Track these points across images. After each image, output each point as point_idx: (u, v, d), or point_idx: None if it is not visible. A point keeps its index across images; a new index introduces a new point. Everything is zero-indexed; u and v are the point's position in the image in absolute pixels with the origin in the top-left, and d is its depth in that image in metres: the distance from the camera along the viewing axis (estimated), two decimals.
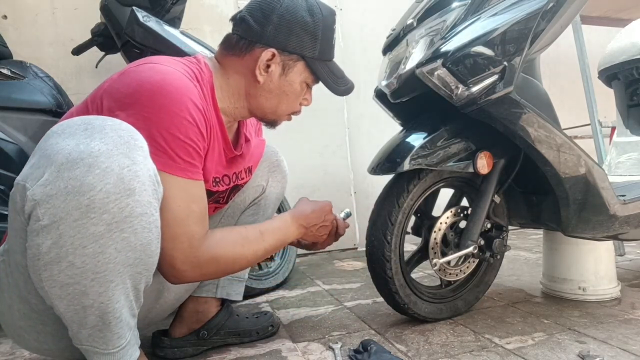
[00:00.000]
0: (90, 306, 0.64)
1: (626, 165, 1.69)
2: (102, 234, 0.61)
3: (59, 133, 0.63)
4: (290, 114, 0.97)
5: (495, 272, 1.29)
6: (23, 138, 1.38)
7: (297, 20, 0.86)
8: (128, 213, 0.62)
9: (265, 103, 0.91)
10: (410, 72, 1.06)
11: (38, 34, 1.96)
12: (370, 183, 2.40)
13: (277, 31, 0.86)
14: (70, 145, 0.60)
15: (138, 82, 0.73)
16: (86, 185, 0.59)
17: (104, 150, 0.61)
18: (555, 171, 1.06)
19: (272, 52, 0.86)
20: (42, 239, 0.60)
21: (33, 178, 0.60)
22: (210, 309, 1.10)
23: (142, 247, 0.66)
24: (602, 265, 1.30)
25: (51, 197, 0.59)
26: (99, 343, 0.68)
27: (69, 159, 0.59)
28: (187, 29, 1.70)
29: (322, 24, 0.88)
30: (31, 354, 1.13)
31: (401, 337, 1.08)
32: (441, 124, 1.10)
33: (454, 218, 1.18)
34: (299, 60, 0.89)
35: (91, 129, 0.62)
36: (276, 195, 1.18)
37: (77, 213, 0.59)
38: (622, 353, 0.93)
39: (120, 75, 0.76)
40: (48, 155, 0.61)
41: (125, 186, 0.61)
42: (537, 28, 0.99)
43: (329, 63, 0.93)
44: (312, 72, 0.91)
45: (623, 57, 1.65)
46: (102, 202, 0.60)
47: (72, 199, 0.59)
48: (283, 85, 0.90)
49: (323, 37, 0.89)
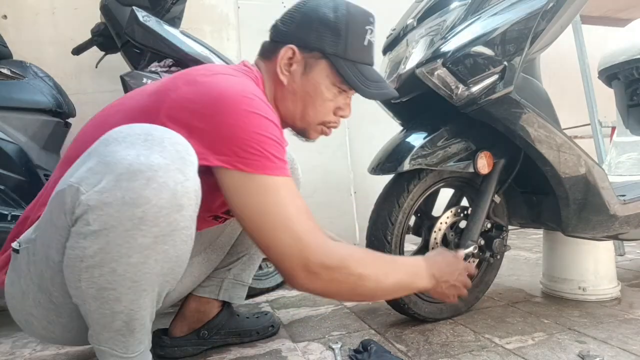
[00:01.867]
0: (120, 312, 0.66)
1: (626, 165, 1.69)
2: (148, 245, 0.62)
3: (120, 141, 0.63)
4: (324, 124, 0.91)
5: (495, 272, 1.29)
6: (23, 138, 1.38)
7: (319, 16, 0.84)
8: (174, 227, 0.64)
9: (292, 107, 0.88)
10: (410, 72, 1.06)
11: (38, 34, 1.95)
12: (370, 183, 2.38)
13: (299, 28, 0.85)
14: (131, 155, 0.61)
15: (217, 91, 0.71)
16: (143, 198, 0.60)
17: (163, 164, 0.61)
18: (555, 171, 1.06)
19: (292, 49, 0.84)
20: (89, 243, 0.61)
21: (89, 183, 0.61)
22: (212, 309, 1.10)
23: (177, 258, 0.67)
24: (602, 265, 1.30)
25: (106, 204, 0.60)
26: (119, 347, 0.69)
27: (129, 169, 0.60)
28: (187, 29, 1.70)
29: (345, 20, 0.84)
30: (31, 355, 1.13)
31: (401, 337, 1.08)
32: (441, 124, 1.11)
33: (454, 218, 1.18)
34: (321, 59, 0.85)
35: (151, 140, 0.63)
36: None
37: (129, 224, 0.60)
38: (622, 353, 0.93)
39: (189, 83, 0.73)
40: (107, 163, 0.61)
41: (176, 202, 0.63)
42: (537, 28, 0.99)
43: (360, 65, 0.87)
44: (337, 73, 0.85)
45: (623, 57, 1.65)
46: (155, 215, 0.61)
47: (127, 210, 0.60)
48: (306, 85, 0.86)
49: (348, 34, 0.84)
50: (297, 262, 0.70)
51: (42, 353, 1.13)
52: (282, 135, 0.75)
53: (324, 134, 0.94)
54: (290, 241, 0.70)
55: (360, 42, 0.86)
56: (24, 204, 1.34)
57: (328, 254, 0.72)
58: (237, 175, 0.69)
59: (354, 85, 0.86)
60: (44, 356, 1.11)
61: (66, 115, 1.52)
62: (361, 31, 0.86)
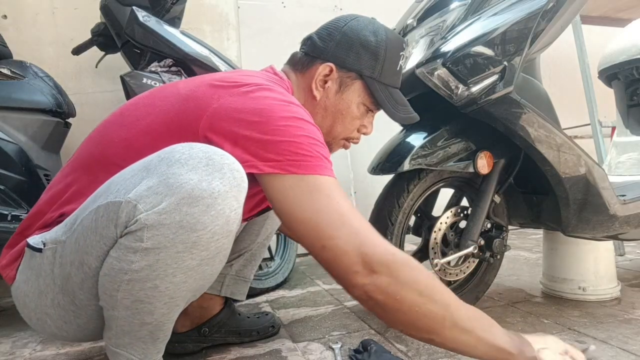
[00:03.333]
0: (149, 323, 0.67)
1: (626, 165, 1.69)
2: (194, 267, 0.64)
3: (182, 163, 0.62)
4: (346, 139, 0.93)
5: (495, 272, 1.29)
6: (23, 138, 1.38)
7: (359, 38, 0.86)
8: (220, 251, 0.66)
9: (320, 121, 0.88)
10: (410, 72, 1.06)
11: (38, 34, 1.96)
12: (370, 183, 2.40)
13: (338, 47, 0.86)
14: (194, 180, 0.61)
15: (263, 101, 0.71)
16: (200, 224, 0.61)
17: (222, 191, 0.62)
18: (555, 171, 1.06)
19: (330, 67, 0.85)
20: (138, 258, 0.62)
21: (148, 202, 0.61)
22: (214, 306, 1.11)
23: (211, 277, 0.70)
24: (602, 265, 1.30)
25: (163, 225, 0.61)
26: (138, 353, 0.70)
27: (191, 195, 0.61)
28: (187, 29, 1.70)
29: (384, 45, 0.86)
30: (31, 355, 1.13)
31: (401, 337, 1.08)
32: (441, 124, 1.11)
33: (454, 218, 1.18)
34: (356, 79, 0.87)
35: (212, 165, 0.63)
36: None
37: (181, 247, 0.62)
38: (622, 353, 0.93)
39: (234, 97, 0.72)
40: (170, 185, 0.61)
41: (228, 228, 0.64)
42: (537, 28, 0.99)
43: (391, 89, 0.90)
44: (370, 94, 0.88)
45: (623, 57, 1.65)
46: (207, 241, 0.63)
47: (183, 234, 0.61)
48: (339, 103, 0.88)
49: (385, 59, 0.87)
50: (356, 259, 0.64)
51: (42, 353, 1.13)
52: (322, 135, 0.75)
53: (345, 147, 0.96)
54: (348, 237, 0.65)
55: (394, 67, 0.89)
56: (24, 204, 1.34)
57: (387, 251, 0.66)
58: (289, 179, 0.67)
59: (386, 108, 0.88)
60: (44, 356, 1.11)
61: (66, 115, 1.52)
62: (396, 57, 0.89)
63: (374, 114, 0.94)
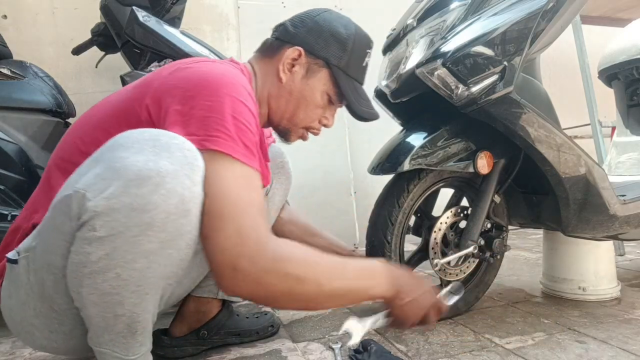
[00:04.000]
0: (122, 315, 0.65)
1: (626, 165, 1.69)
2: (154, 250, 0.62)
3: (127, 147, 0.62)
4: (307, 128, 0.94)
5: (495, 272, 1.29)
6: (23, 138, 1.38)
7: (330, 27, 0.89)
8: (180, 232, 0.63)
9: (284, 105, 0.90)
10: (410, 72, 1.06)
11: (38, 34, 1.96)
12: (370, 183, 2.39)
13: (309, 34, 0.88)
14: (140, 162, 0.60)
15: (199, 76, 0.72)
16: (151, 204, 0.60)
17: (171, 170, 0.61)
18: (555, 171, 1.06)
19: (299, 51, 0.87)
20: (94, 249, 0.60)
21: (96, 189, 0.60)
22: (212, 309, 1.10)
23: (181, 262, 0.67)
24: (602, 265, 1.30)
25: (113, 210, 0.59)
26: (120, 349, 0.68)
27: (138, 175, 0.59)
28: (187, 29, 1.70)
29: (353, 38, 0.89)
30: (31, 354, 1.13)
31: (401, 337, 1.08)
32: (441, 124, 1.11)
33: (454, 218, 1.18)
34: (323, 67, 0.89)
35: (159, 146, 0.62)
36: (279, 198, 1.17)
37: (136, 230, 0.60)
38: (622, 353, 0.93)
39: (173, 72, 0.75)
40: (116, 169, 0.60)
41: (184, 207, 0.62)
42: (537, 28, 0.99)
43: (356, 83, 0.92)
44: (335, 84, 0.90)
45: (623, 57, 1.65)
46: (162, 221, 0.61)
47: (135, 216, 0.59)
48: (304, 88, 0.89)
49: (353, 51, 0.89)
50: (228, 258, 0.65)
51: (42, 353, 1.13)
52: (257, 125, 0.75)
53: (303, 138, 0.97)
54: (229, 232, 0.65)
55: (360, 62, 0.92)
56: (24, 204, 1.34)
57: (265, 253, 0.66)
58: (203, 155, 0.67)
59: (349, 99, 0.91)
60: (44, 356, 1.11)
61: (66, 115, 1.52)
62: (363, 52, 0.92)
63: (337, 107, 0.95)
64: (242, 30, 2.27)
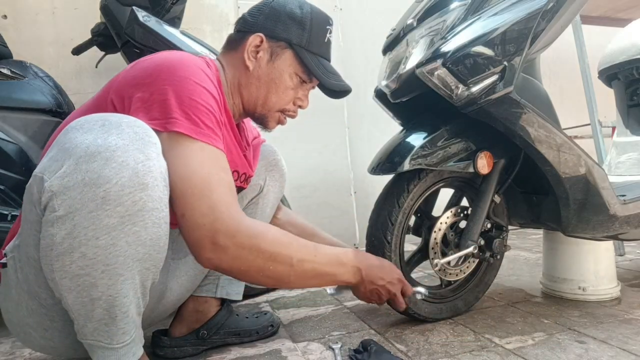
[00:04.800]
0: (98, 299, 0.65)
1: (626, 165, 1.69)
2: (115, 226, 0.62)
3: (77, 128, 0.64)
4: (282, 111, 0.96)
5: (495, 272, 1.29)
6: (23, 138, 1.38)
7: (286, 10, 0.92)
8: (140, 207, 0.64)
9: (255, 92, 0.92)
10: (410, 72, 1.06)
11: (38, 34, 1.96)
12: (370, 183, 2.40)
13: (267, 19, 0.91)
14: (89, 139, 0.62)
15: (156, 63, 0.75)
16: (103, 178, 0.61)
17: (121, 145, 0.62)
18: (555, 171, 1.06)
19: (260, 37, 0.90)
20: (57, 229, 0.61)
21: (51, 170, 0.62)
22: (210, 309, 1.10)
23: (152, 242, 0.66)
24: (602, 265, 1.30)
25: (68, 188, 0.60)
26: (104, 337, 0.68)
27: (87, 152, 0.61)
28: (187, 29, 1.70)
29: (310, 16, 0.92)
30: (31, 354, 1.13)
31: (401, 337, 1.08)
32: (441, 124, 1.10)
33: (454, 218, 1.18)
34: (286, 49, 0.91)
35: (108, 124, 0.64)
36: (274, 195, 1.18)
37: (92, 205, 0.61)
38: (622, 353, 0.93)
39: (134, 66, 0.78)
40: (66, 149, 0.62)
41: (139, 180, 0.63)
42: (537, 28, 0.99)
43: (321, 59, 0.94)
44: (301, 63, 0.92)
45: (623, 57, 1.65)
46: (117, 194, 0.61)
47: (89, 191, 0.60)
48: (271, 72, 0.91)
49: (312, 29, 0.92)
50: (206, 233, 0.69)
51: (41, 353, 1.13)
52: (217, 106, 0.78)
53: (281, 122, 0.99)
54: (204, 210, 0.69)
55: (322, 38, 0.94)
56: None
57: (240, 228, 0.71)
58: (165, 137, 0.70)
59: (316, 74, 0.93)
60: (44, 356, 1.11)
61: (66, 115, 1.52)
62: (323, 28, 0.94)
63: (309, 87, 0.98)
64: None
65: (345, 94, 0.99)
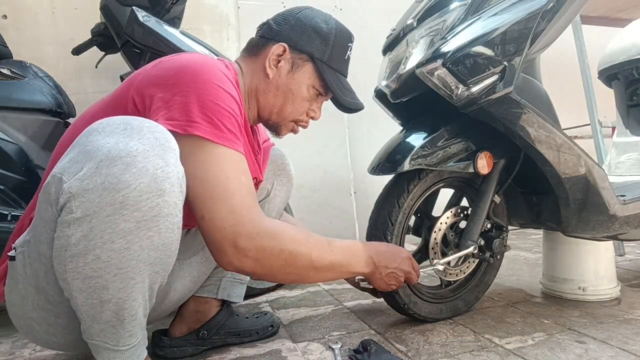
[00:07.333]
0: (108, 301, 0.65)
1: (626, 165, 1.69)
2: (131, 230, 0.63)
3: (99, 131, 0.64)
4: (295, 121, 0.97)
5: (495, 272, 1.29)
6: (23, 138, 1.38)
7: (312, 23, 0.92)
8: (156, 212, 0.64)
9: (272, 100, 0.93)
10: (410, 72, 1.06)
11: (38, 34, 1.96)
12: (370, 183, 2.39)
13: (292, 30, 0.92)
14: (110, 143, 0.62)
15: (179, 64, 0.75)
16: (122, 183, 0.61)
17: (141, 150, 0.62)
18: (555, 171, 1.06)
19: (284, 47, 0.90)
20: (73, 230, 0.61)
21: (71, 172, 0.62)
22: (211, 309, 1.10)
23: (164, 246, 0.67)
24: (602, 265, 1.30)
25: (87, 191, 0.61)
26: (110, 339, 0.69)
27: (108, 156, 0.61)
28: (187, 29, 1.70)
29: (335, 32, 0.93)
30: (31, 354, 1.13)
31: (401, 337, 1.08)
32: (441, 124, 1.10)
33: (454, 218, 1.18)
34: (308, 62, 0.92)
35: (130, 129, 0.64)
36: (281, 199, 1.17)
37: (110, 209, 0.61)
38: (621, 353, 0.93)
39: (156, 65, 0.78)
40: (87, 151, 0.62)
41: (157, 186, 0.63)
42: (537, 28, 0.99)
43: (339, 76, 0.96)
44: (320, 77, 0.93)
45: (623, 57, 1.65)
46: (135, 200, 0.62)
47: (108, 195, 0.61)
48: (290, 82, 0.92)
49: (335, 45, 0.93)
50: (227, 236, 0.71)
51: (41, 353, 1.13)
52: (240, 110, 0.79)
53: (293, 131, 1.00)
54: (224, 214, 0.70)
55: (343, 55, 0.96)
56: (24, 204, 1.34)
57: (260, 231, 0.73)
58: (186, 140, 0.70)
59: (334, 90, 0.94)
60: (44, 356, 1.11)
61: (66, 115, 1.52)
62: (345, 46, 0.96)
63: (323, 99, 0.99)
64: (242, 30, 2.27)
65: (357, 111, 1.01)
